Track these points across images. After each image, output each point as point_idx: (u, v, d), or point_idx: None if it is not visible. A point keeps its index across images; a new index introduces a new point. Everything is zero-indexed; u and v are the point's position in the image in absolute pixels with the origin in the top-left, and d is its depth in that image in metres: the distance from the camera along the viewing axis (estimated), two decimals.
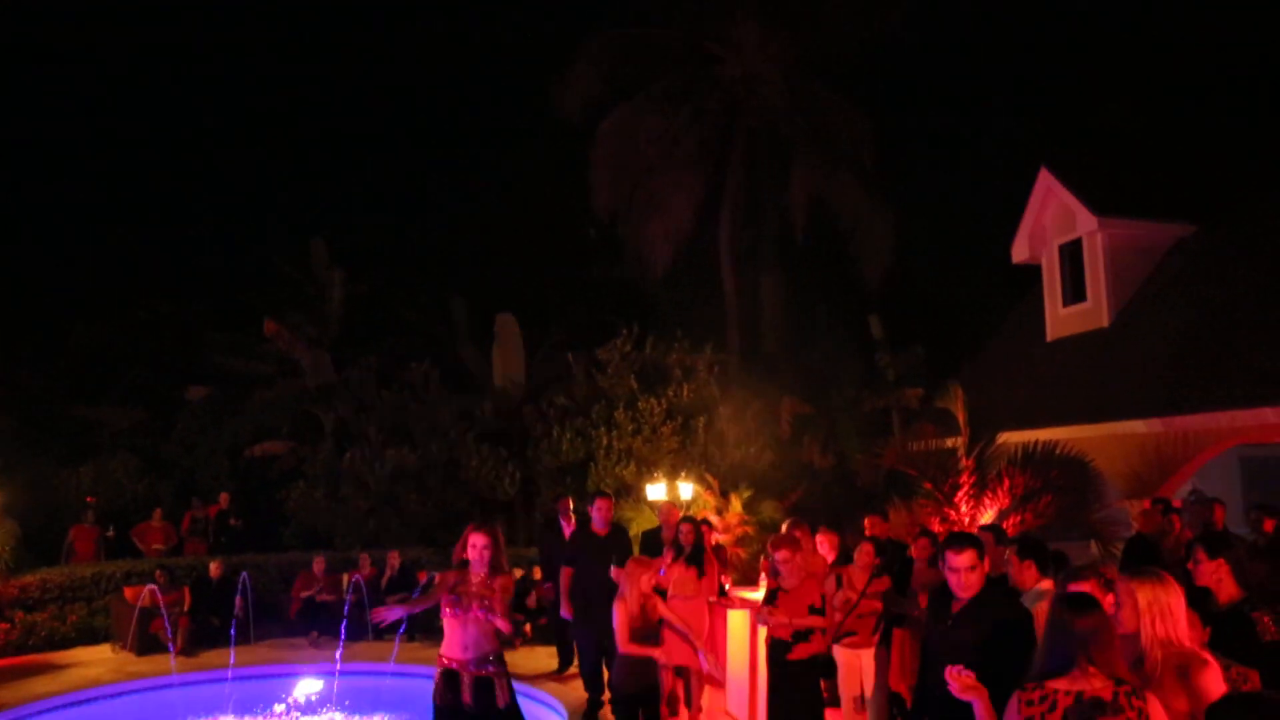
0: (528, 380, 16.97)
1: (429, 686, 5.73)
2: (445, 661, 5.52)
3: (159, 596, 11.49)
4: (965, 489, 9.49)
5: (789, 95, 18.48)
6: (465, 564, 5.56)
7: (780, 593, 6.88)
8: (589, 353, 15.81)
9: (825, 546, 8.24)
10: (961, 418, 10.33)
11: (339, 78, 28.84)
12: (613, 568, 7.75)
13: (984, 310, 18.36)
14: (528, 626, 12.05)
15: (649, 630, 6.56)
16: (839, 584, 7.34)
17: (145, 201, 25.44)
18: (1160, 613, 3.51)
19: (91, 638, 12.26)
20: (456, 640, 5.45)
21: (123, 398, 18.92)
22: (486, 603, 5.38)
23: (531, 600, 12.09)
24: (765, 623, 6.93)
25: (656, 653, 6.53)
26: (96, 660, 11.32)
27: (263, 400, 17.55)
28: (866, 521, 8.61)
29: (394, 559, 12.83)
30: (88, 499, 15.23)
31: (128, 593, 12.07)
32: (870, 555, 7.36)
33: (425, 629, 11.35)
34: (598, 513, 8.66)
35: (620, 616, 6.46)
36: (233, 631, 11.23)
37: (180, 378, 18.91)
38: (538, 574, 11.78)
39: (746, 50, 18.56)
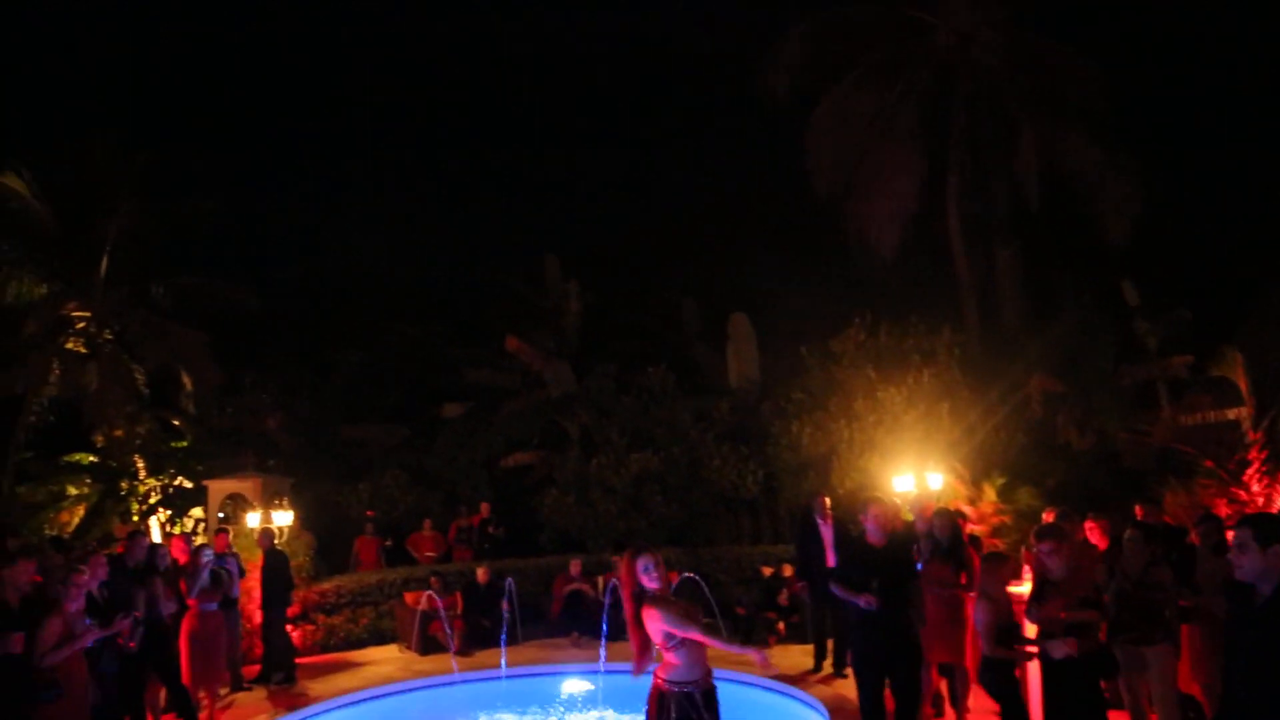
0: (762, 376, 16.99)
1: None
2: (683, 687, 5.29)
3: (436, 601, 12.47)
4: (1255, 465, 8.63)
5: (1007, 54, 17.44)
6: (644, 591, 5.48)
7: (1048, 586, 6.55)
8: (822, 344, 15.60)
9: (1095, 534, 7.76)
10: (1244, 385, 9.44)
11: (555, 94, 30.11)
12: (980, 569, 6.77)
13: (1257, 262, 16.53)
14: (780, 624, 12.10)
15: (1013, 631, 6.46)
16: (1112, 575, 6.87)
17: (385, 230, 27.52)
18: None
19: (380, 639, 13.49)
20: (699, 662, 5.36)
21: (387, 418, 20.64)
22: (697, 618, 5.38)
23: (783, 598, 12.13)
24: (1034, 619, 6.61)
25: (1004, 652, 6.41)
26: (386, 659, 12.44)
27: (510, 413, 18.60)
28: (1138, 510, 8.02)
29: None
30: (367, 512, 16.72)
31: (408, 597, 13.25)
32: (1144, 543, 6.85)
33: None
34: (872, 521, 7.23)
35: (989, 618, 6.37)
36: (503, 633, 11.96)
37: (435, 396, 20.36)
38: (787, 571, 11.79)
39: (957, 12, 17.70)
